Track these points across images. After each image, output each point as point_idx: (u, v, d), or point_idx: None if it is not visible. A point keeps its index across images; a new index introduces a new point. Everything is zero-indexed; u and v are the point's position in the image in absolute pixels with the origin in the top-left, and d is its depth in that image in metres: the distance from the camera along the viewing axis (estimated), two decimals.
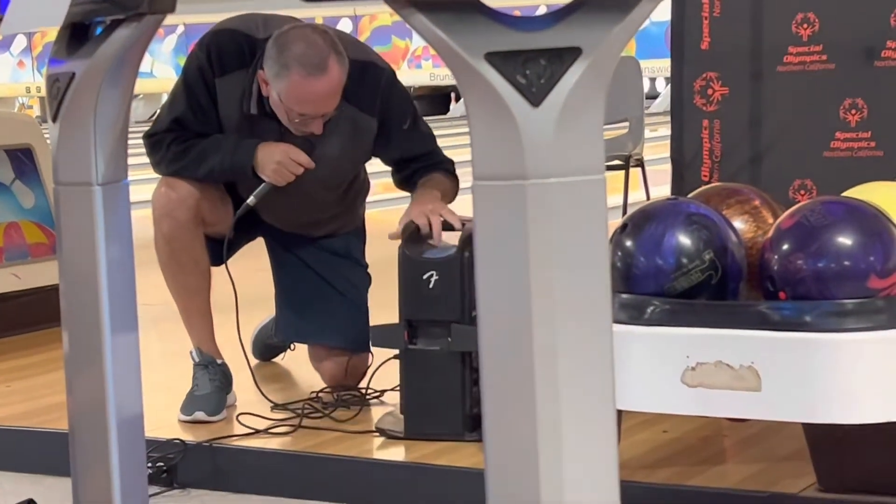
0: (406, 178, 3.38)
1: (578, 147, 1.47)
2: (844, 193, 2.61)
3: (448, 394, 3.00)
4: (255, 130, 3.25)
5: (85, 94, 1.78)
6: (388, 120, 3.29)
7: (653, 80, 17.61)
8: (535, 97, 1.45)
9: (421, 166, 3.34)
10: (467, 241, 3.04)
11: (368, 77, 3.25)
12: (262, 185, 3.26)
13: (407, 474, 2.91)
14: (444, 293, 3.00)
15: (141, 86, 18.81)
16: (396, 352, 3.10)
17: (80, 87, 1.77)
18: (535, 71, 1.45)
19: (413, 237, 3.12)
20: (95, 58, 1.76)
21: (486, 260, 1.50)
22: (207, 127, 3.27)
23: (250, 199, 3.28)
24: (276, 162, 3.21)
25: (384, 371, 3.33)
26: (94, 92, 1.77)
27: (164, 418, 3.25)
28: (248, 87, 3.22)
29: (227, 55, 3.23)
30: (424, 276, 3.02)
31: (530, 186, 1.46)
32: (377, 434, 3.11)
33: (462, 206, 3.24)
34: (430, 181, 3.31)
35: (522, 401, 1.49)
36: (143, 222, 3.33)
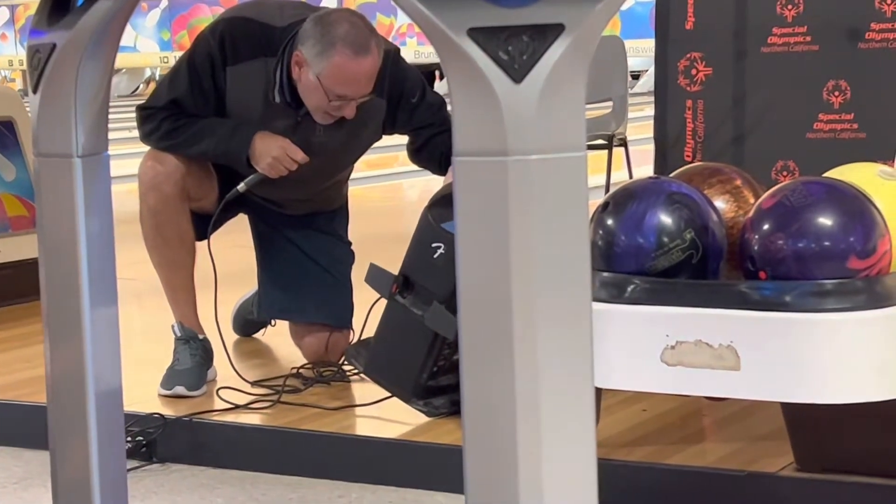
0: (418, 148, 3.39)
1: (560, 124, 1.47)
2: (825, 174, 2.62)
3: (410, 358, 3.01)
4: (271, 118, 3.24)
5: (66, 66, 1.77)
6: (397, 98, 3.30)
7: (635, 77, 17.40)
8: (517, 73, 1.45)
9: (432, 134, 3.34)
10: None
11: None
12: (255, 175, 3.26)
13: (386, 451, 2.92)
14: (443, 269, 2.99)
15: (124, 60, 18.75)
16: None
17: (61, 59, 1.76)
18: (518, 47, 1.45)
19: (445, 200, 3.09)
20: (76, 29, 1.75)
21: (467, 236, 1.50)
22: (205, 112, 3.27)
23: (240, 186, 3.28)
24: (273, 157, 3.22)
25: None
26: (74, 63, 1.76)
27: (144, 393, 3.25)
28: (271, 76, 3.20)
29: (242, 44, 3.22)
30: (433, 244, 3.01)
31: (511, 163, 1.46)
32: (357, 411, 3.12)
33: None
34: None
35: (501, 378, 1.49)
36: (124, 196, 3.33)
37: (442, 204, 3.07)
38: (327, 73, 3.11)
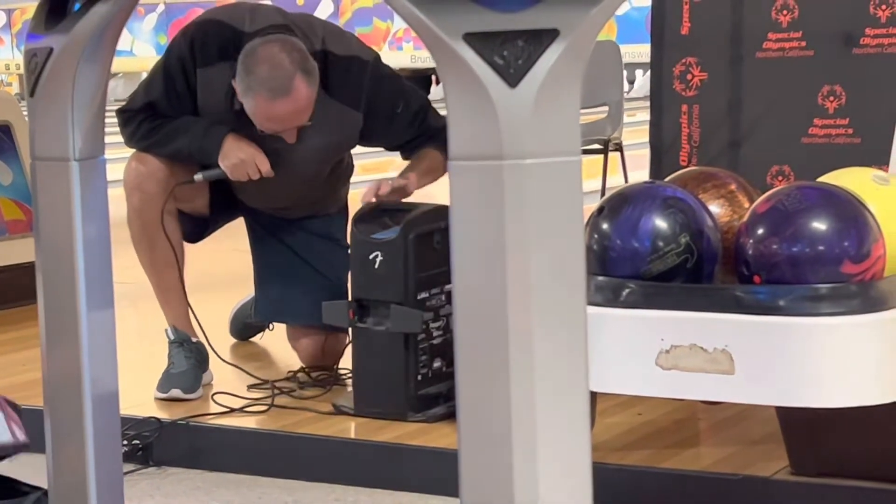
0: (408, 158, 3.41)
1: (555, 128, 1.48)
2: (819, 179, 2.63)
3: (391, 374, 3.04)
4: (236, 122, 3.24)
5: (63, 70, 1.77)
6: (376, 112, 3.29)
7: (631, 77, 17.30)
8: (512, 78, 1.46)
9: (417, 144, 3.34)
10: (411, 224, 3.05)
11: (353, 72, 3.24)
12: (216, 170, 3.27)
13: (382, 454, 2.92)
14: (387, 274, 3.03)
15: (121, 64, 18.73)
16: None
17: (58, 63, 1.77)
18: (513, 52, 1.46)
19: (367, 216, 3.14)
20: (73, 33, 1.76)
21: (462, 240, 1.51)
22: (181, 113, 3.28)
23: (197, 176, 3.29)
24: (240, 159, 3.23)
25: None
26: (71, 67, 1.77)
27: (140, 396, 3.25)
28: (231, 83, 3.21)
29: (210, 46, 3.23)
30: (370, 256, 3.05)
31: (507, 167, 1.47)
32: (351, 414, 3.12)
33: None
34: (419, 156, 3.32)
35: (496, 381, 1.50)
36: (120, 200, 3.33)
37: (365, 220, 3.13)
38: (251, 112, 3.14)
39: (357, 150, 3.50)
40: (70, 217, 1.80)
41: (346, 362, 3.37)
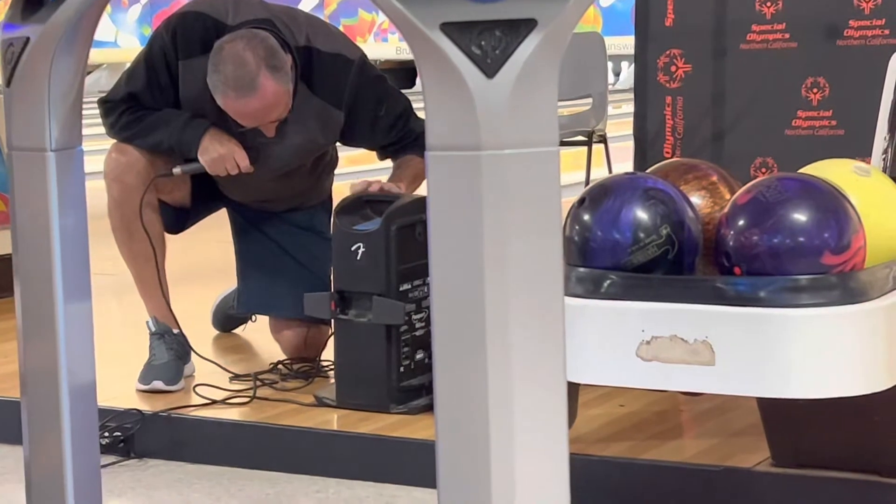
0: (385, 159, 3.40)
1: (533, 119, 1.47)
2: (801, 170, 2.63)
3: (373, 366, 3.04)
4: (217, 115, 3.23)
5: (39, 60, 1.76)
6: (358, 113, 3.28)
7: (617, 69, 17.23)
8: (489, 68, 1.45)
9: (398, 148, 3.34)
10: (393, 215, 3.05)
11: (337, 70, 3.24)
12: (196, 163, 3.26)
13: (363, 446, 2.92)
14: (369, 265, 3.04)
15: (105, 55, 18.69)
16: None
17: (35, 52, 1.76)
18: (491, 42, 1.45)
19: (349, 208, 3.14)
20: (50, 23, 1.75)
21: (440, 231, 1.50)
22: (162, 105, 3.27)
23: (175, 169, 3.28)
24: (219, 154, 3.22)
25: None
26: (48, 57, 1.76)
27: (122, 388, 3.24)
28: None
29: (192, 39, 3.22)
30: (352, 248, 3.05)
31: (484, 157, 1.46)
32: (333, 406, 3.12)
33: None
34: (403, 163, 3.32)
35: (473, 372, 1.50)
36: (102, 192, 3.33)
37: (347, 211, 3.13)
38: (223, 108, 3.12)
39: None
40: (47, 208, 1.79)
41: (328, 354, 3.36)
